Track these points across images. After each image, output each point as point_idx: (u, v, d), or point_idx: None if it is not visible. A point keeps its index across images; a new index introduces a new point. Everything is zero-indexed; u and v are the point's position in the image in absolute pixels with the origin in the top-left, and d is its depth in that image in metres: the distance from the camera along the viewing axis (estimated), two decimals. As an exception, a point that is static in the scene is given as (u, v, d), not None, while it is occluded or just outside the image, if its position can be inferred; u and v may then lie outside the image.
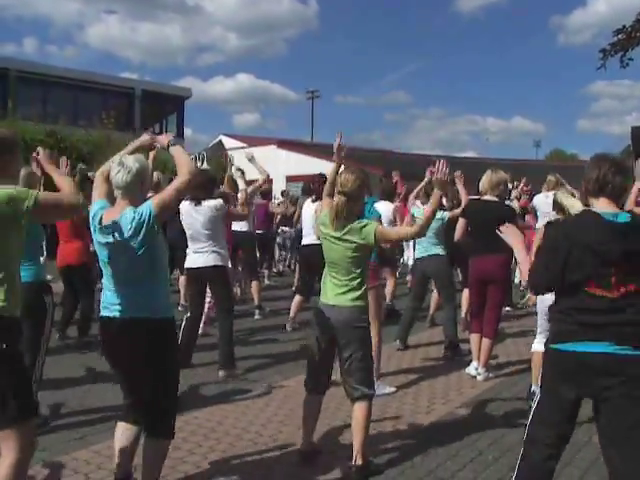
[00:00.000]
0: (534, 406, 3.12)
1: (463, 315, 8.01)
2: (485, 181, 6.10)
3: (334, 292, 3.93)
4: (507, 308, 9.74)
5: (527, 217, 11.05)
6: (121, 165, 3.37)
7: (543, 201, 9.35)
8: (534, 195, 11.97)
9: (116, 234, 3.29)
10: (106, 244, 3.34)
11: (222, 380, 5.90)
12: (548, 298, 4.96)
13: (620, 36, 14.49)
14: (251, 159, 7.48)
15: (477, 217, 6.13)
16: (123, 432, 3.56)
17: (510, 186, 11.90)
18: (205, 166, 20.81)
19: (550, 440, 3.04)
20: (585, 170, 3.10)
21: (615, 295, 2.87)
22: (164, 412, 3.47)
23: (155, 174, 9.12)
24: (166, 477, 3.76)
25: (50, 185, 3.37)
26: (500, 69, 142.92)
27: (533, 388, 5.27)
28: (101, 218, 3.36)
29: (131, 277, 3.35)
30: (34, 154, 3.85)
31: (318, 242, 7.26)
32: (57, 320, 7.38)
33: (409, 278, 12.84)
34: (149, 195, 3.67)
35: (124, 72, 57.35)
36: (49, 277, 10.46)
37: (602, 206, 2.99)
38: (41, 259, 4.81)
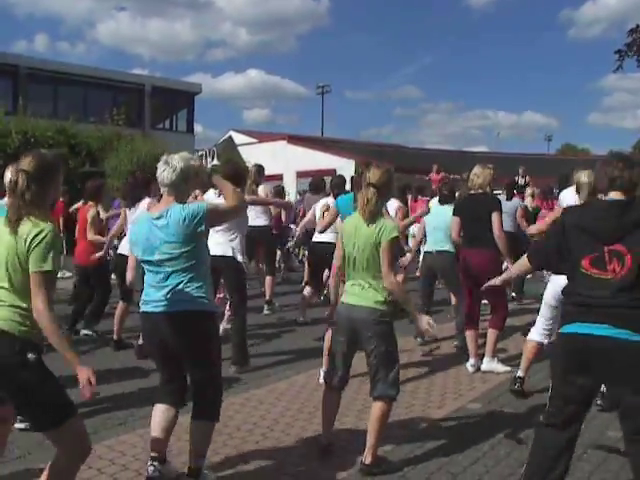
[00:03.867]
0: (550, 392, 3.17)
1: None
2: (472, 177, 6.21)
3: (355, 292, 3.92)
4: (514, 301, 9.69)
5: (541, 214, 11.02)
6: (166, 164, 3.57)
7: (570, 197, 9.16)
8: (548, 190, 11.92)
9: (164, 224, 3.48)
10: (153, 235, 3.52)
11: (234, 375, 5.91)
12: (555, 288, 5.00)
13: (635, 36, 14.37)
14: None
15: (464, 212, 6.26)
16: (162, 413, 3.72)
17: (522, 181, 11.89)
18: (215, 162, 20.75)
19: (557, 424, 3.08)
20: (595, 170, 3.23)
21: (610, 276, 2.91)
22: (210, 398, 3.67)
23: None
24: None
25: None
26: (511, 63, 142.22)
27: (518, 373, 5.32)
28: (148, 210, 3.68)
29: (174, 270, 3.50)
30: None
31: (328, 240, 7.32)
32: (61, 315, 7.47)
33: (418, 274, 12.84)
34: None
35: (135, 68, 57.67)
36: (68, 274, 10.55)
37: (612, 196, 3.09)
38: None
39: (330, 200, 7.60)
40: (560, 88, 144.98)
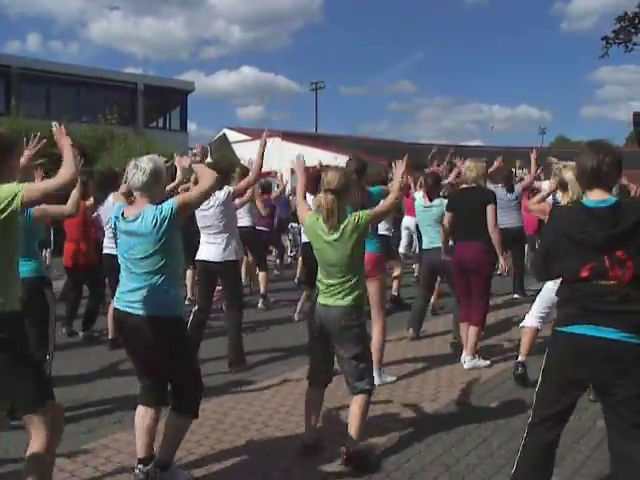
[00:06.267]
0: (537, 388, 3.17)
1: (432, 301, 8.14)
2: (465, 170, 6.25)
3: (327, 293, 3.92)
4: (515, 295, 9.75)
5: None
6: (136, 167, 3.54)
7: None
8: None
9: (138, 226, 3.47)
10: (128, 236, 3.53)
11: (229, 372, 5.94)
12: (552, 285, 5.01)
13: (622, 23, 14.43)
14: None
15: (457, 207, 6.27)
16: (144, 414, 3.68)
17: (520, 172, 11.88)
18: (209, 159, 20.81)
19: (549, 421, 3.08)
20: (580, 157, 3.08)
21: (613, 282, 2.88)
22: (188, 391, 3.65)
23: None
24: (174, 468, 3.80)
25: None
26: (505, 57, 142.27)
27: (519, 358, 5.45)
28: (122, 213, 3.58)
29: (146, 271, 3.49)
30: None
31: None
32: (60, 315, 7.48)
33: (415, 266, 12.89)
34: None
35: (128, 67, 57.56)
36: (57, 272, 10.57)
37: (594, 196, 3.01)
38: (45, 253, 4.83)
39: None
40: (553, 81, 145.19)
